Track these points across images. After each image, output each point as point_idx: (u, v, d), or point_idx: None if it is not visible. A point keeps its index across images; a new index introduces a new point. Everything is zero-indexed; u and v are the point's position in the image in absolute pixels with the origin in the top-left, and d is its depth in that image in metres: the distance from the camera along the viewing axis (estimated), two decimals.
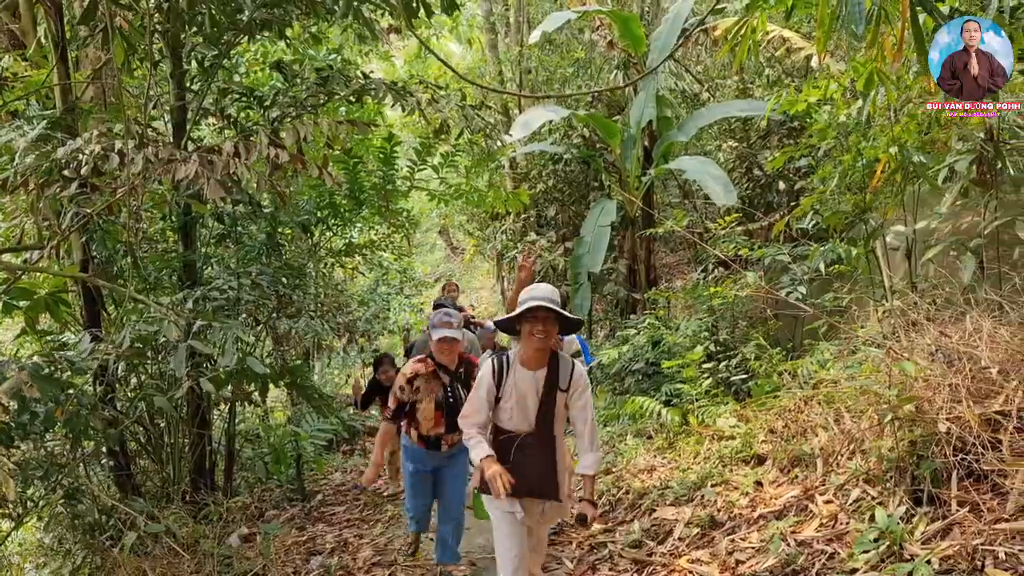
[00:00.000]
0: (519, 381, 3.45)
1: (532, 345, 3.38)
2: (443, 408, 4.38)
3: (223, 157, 4.84)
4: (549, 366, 3.46)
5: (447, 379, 4.40)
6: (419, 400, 4.36)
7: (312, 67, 7.14)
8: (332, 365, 13.07)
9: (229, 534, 5.49)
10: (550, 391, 3.45)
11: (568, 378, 3.48)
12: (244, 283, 5.81)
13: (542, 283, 3.51)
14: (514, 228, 13.10)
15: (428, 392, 4.35)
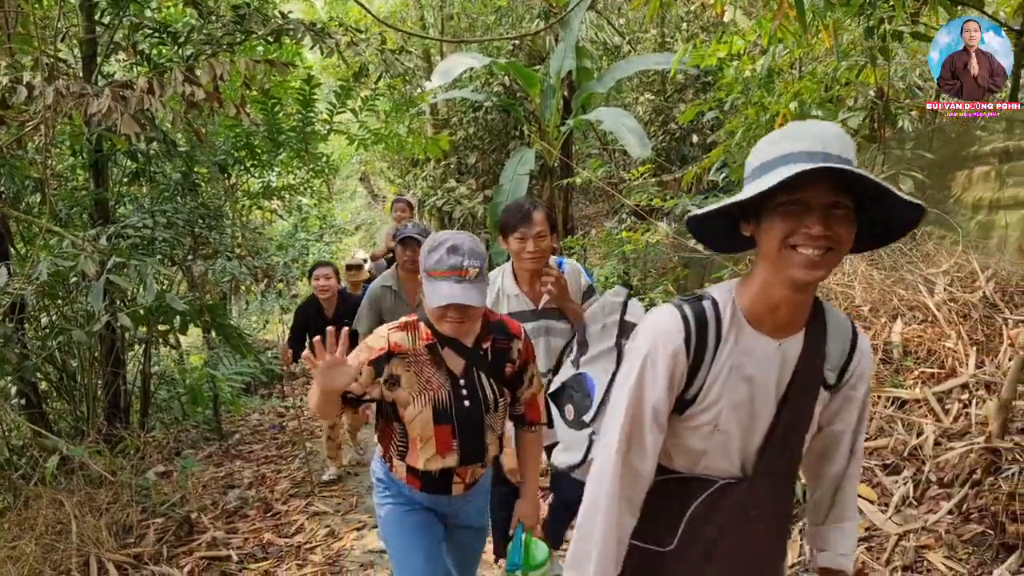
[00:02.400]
0: (745, 361, 1.59)
1: (793, 277, 1.43)
2: (452, 419, 2.40)
3: (137, 92, 4.81)
4: (809, 330, 1.61)
5: (459, 364, 2.43)
6: (401, 402, 2.38)
7: (228, 4, 7.03)
8: (250, 310, 13.00)
9: (145, 471, 5.57)
10: (806, 386, 1.63)
11: (845, 357, 1.65)
12: (159, 221, 5.79)
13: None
14: (434, 175, 13.17)
15: (420, 388, 2.37)
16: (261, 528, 4.97)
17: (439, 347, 2.39)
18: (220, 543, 4.69)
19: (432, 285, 2.25)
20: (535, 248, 3.05)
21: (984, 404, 3.29)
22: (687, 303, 1.61)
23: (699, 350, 1.58)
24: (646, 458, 1.63)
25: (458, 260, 2.21)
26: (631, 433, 1.60)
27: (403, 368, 2.35)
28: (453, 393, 2.38)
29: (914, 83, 8.18)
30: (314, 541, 4.71)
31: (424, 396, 2.36)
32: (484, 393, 2.42)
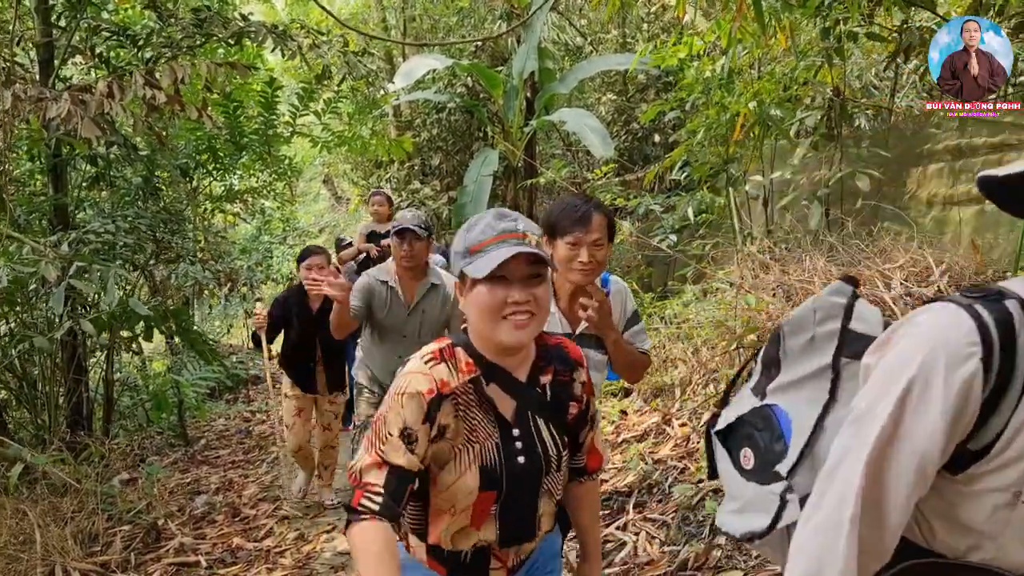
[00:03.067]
0: None
1: None
2: (500, 482, 1.70)
3: (96, 96, 4.77)
4: None
5: (510, 405, 1.74)
6: (439, 463, 1.69)
7: (188, 6, 6.97)
8: (213, 314, 12.88)
9: (110, 478, 5.50)
10: None
11: None
12: (121, 226, 5.73)
13: None
14: (398, 177, 13.14)
15: (465, 440, 1.69)
16: (230, 533, 4.94)
17: (483, 381, 1.67)
18: (188, 549, 4.65)
19: (477, 261, 1.59)
20: (589, 258, 2.43)
21: None
22: (981, 301, 1.09)
23: (1003, 376, 1.05)
24: (887, 531, 1.11)
25: (511, 224, 1.62)
26: (872, 493, 1.10)
27: (452, 414, 1.63)
28: (503, 446, 1.67)
29: (870, 82, 8.36)
30: (283, 545, 4.70)
31: (469, 452, 1.64)
32: (544, 446, 1.72)
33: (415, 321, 3.88)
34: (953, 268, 4.18)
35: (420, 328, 3.88)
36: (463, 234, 1.67)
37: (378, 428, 1.60)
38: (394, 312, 3.85)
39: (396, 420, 1.57)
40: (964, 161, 5.51)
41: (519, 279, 1.58)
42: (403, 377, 1.63)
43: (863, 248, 4.72)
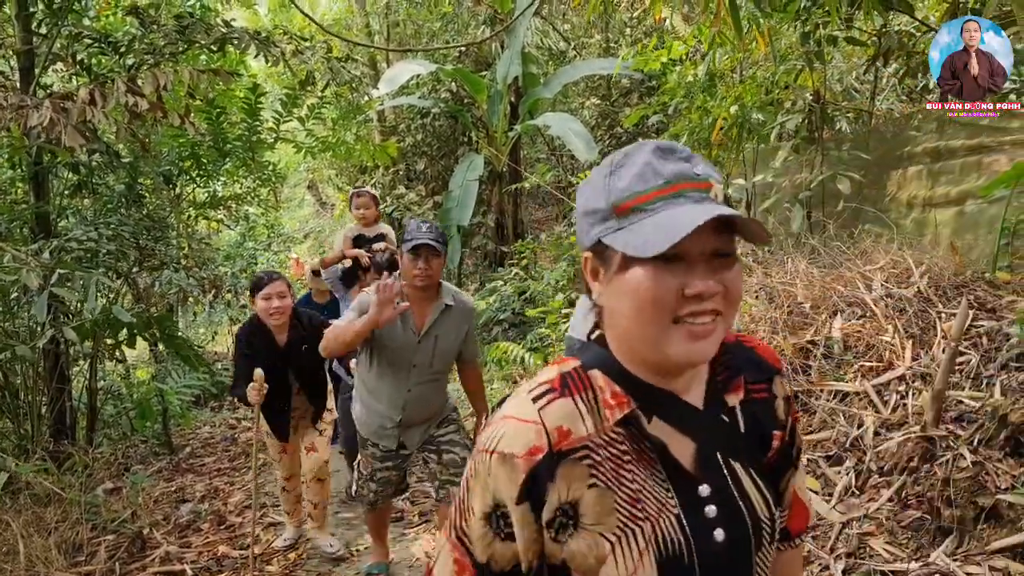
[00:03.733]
0: None
1: None
2: (694, 572, 1.01)
3: (78, 104, 4.76)
4: None
5: (688, 450, 1.05)
6: (582, 567, 0.99)
7: (170, 13, 6.96)
8: (197, 321, 12.83)
9: (94, 488, 5.47)
10: None
11: None
12: (104, 234, 5.70)
13: None
14: (383, 182, 13.14)
15: (623, 521, 1.00)
16: (215, 541, 4.91)
17: (643, 419, 1.03)
18: (174, 558, 4.63)
19: (635, 226, 0.97)
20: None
21: (920, 395, 3.42)
22: None
23: None
24: None
25: (683, 166, 0.98)
26: None
27: (584, 481, 1.00)
28: (688, 518, 1.02)
29: (850, 85, 8.44)
30: (270, 552, 4.68)
31: (633, 539, 0.99)
32: (750, 505, 1.07)
33: (427, 349, 3.44)
34: (932, 269, 4.23)
35: (432, 357, 3.45)
36: (603, 180, 1.02)
37: (462, 494, 1.06)
38: (402, 338, 3.41)
39: (480, 492, 1.02)
40: (943, 163, 5.57)
41: (701, 258, 0.95)
42: (494, 424, 1.04)
43: (844, 250, 4.77)
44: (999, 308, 3.79)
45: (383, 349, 3.42)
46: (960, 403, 3.24)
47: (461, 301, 3.53)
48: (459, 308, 3.51)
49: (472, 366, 3.78)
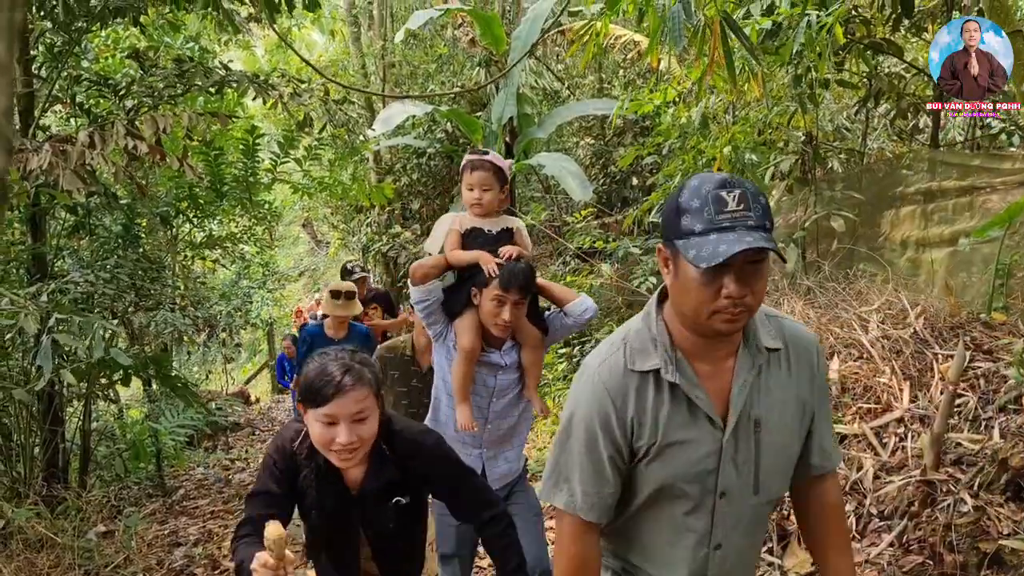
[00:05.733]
0: None
1: None
2: None
3: (78, 147, 4.78)
4: None
5: None
6: None
7: (169, 56, 7.03)
8: (191, 361, 12.77)
9: (87, 531, 5.41)
10: None
11: None
12: (101, 276, 5.70)
13: None
14: (379, 221, 13.19)
15: None
16: None
17: None
18: None
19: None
20: None
21: (919, 437, 3.43)
22: None
23: None
24: None
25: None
26: None
27: None
28: None
29: (841, 125, 8.56)
30: None
31: None
32: None
33: None
34: (928, 310, 4.25)
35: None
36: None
37: None
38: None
39: None
40: (936, 203, 5.63)
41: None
42: None
43: (840, 291, 4.80)
44: (996, 349, 3.81)
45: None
46: (959, 446, 3.24)
47: None
48: None
49: None
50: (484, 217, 3.01)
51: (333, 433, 1.95)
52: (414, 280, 2.88)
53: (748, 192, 1.40)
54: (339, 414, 1.93)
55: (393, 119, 10.17)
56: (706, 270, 1.37)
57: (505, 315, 2.74)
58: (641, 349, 1.58)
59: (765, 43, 5.49)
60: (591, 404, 1.59)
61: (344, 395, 1.92)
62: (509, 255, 2.83)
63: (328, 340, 5.08)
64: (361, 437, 1.97)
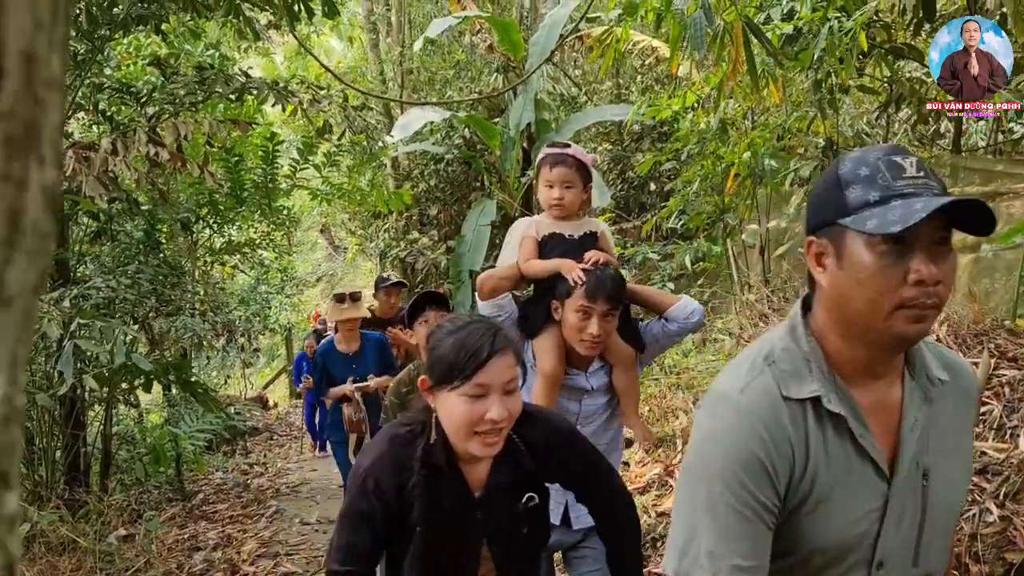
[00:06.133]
0: None
1: None
2: None
3: (100, 154, 4.83)
4: None
5: None
6: None
7: (190, 64, 7.10)
8: (210, 366, 12.85)
9: (107, 535, 5.45)
10: None
11: None
12: (123, 282, 5.75)
13: None
14: (396, 227, 13.23)
15: None
16: None
17: None
18: None
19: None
20: None
21: None
22: None
23: None
24: None
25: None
26: None
27: None
28: None
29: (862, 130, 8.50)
30: None
31: None
32: None
33: None
34: (952, 318, 4.21)
35: None
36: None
37: None
38: None
39: None
40: None
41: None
42: None
43: None
44: (1020, 357, 3.77)
45: None
46: (984, 455, 3.20)
47: None
48: None
49: None
50: (564, 220, 2.65)
51: (482, 409, 1.66)
52: (482, 294, 2.55)
53: (923, 161, 1.16)
54: (491, 383, 1.67)
55: (411, 125, 10.21)
56: (889, 249, 1.09)
57: (592, 329, 2.39)
58: (793, 371, 1.22)
59: (785, 48, 5.48)
60: (735, 442, 1.18)
61: (496, 358, 1.67)
62: (595, 260, 2.46)
63: (342, 357, 4.68)
64: (511, 413, 1.70)
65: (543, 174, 2.65)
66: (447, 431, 1.74)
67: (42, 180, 0.27)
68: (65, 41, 0.27)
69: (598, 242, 2.65)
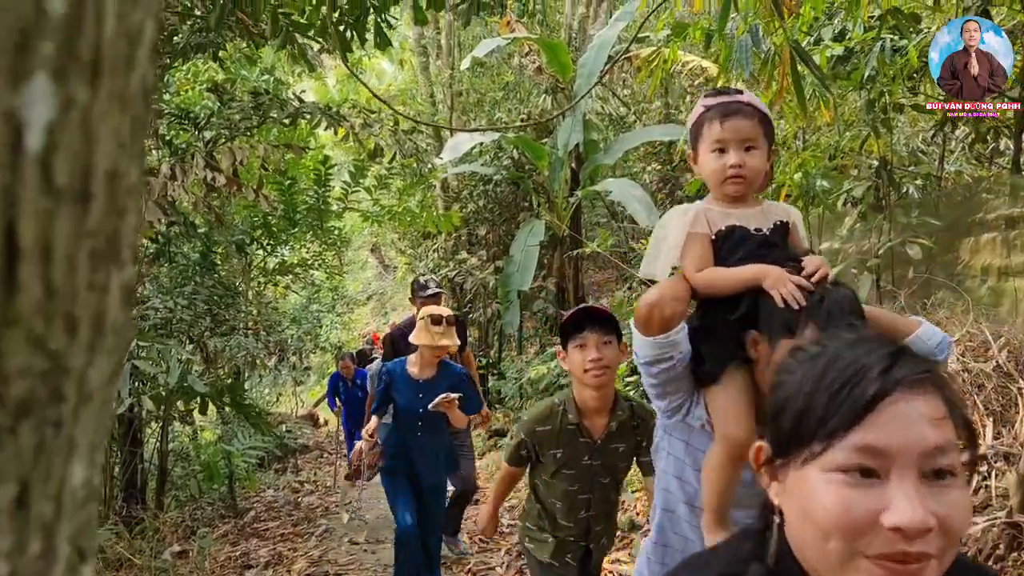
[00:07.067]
0: None
1: None
2: None
3: (160, 179, 4.97)
4: None
5: None
6: None
7: (246, 88, 7.28)
8: (263, 383, 13.08)
9: (162, 551, 5.56)
10: None
11: None
12: (179, 302, 5.90)
13: None
14: (445, 247, 13.33)
15: None
16: None
17: None
18: None
19: None
20: None
21: (1004, 476, 3.29)
22: None
23: None
24: None
25: None
26: None
27: None
28: None
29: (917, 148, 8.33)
30: None
31: None
32: None
33: None
34: (1012, 342, 4.10)
35: None
36: None
37: None
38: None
39: None
40: (1018, 230, 5.43)
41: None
42: None
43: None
44: None
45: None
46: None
47: None
48: None
49: None
50: (741, 203, 1.76)
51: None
52: (650, 326, 1.67)
53: None
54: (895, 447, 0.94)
55: (460, 146, 10.32)
56: None
57: None
58: None
59: (836, 68, 5.42)
60: None
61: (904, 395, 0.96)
62: (821, 274, 1.60)
63: (412, 383, 3.95)
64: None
65: (706, 133, 1.76)
66: (802, 546, 0.89)
67: (122, 281, 0.29)
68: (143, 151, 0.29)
69: (789, 235, 1.80)
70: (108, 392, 0.30)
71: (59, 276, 0.24)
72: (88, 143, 0.24)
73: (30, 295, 0.22)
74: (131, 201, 0.29)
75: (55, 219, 0.23)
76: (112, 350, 0.29)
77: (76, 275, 0.25)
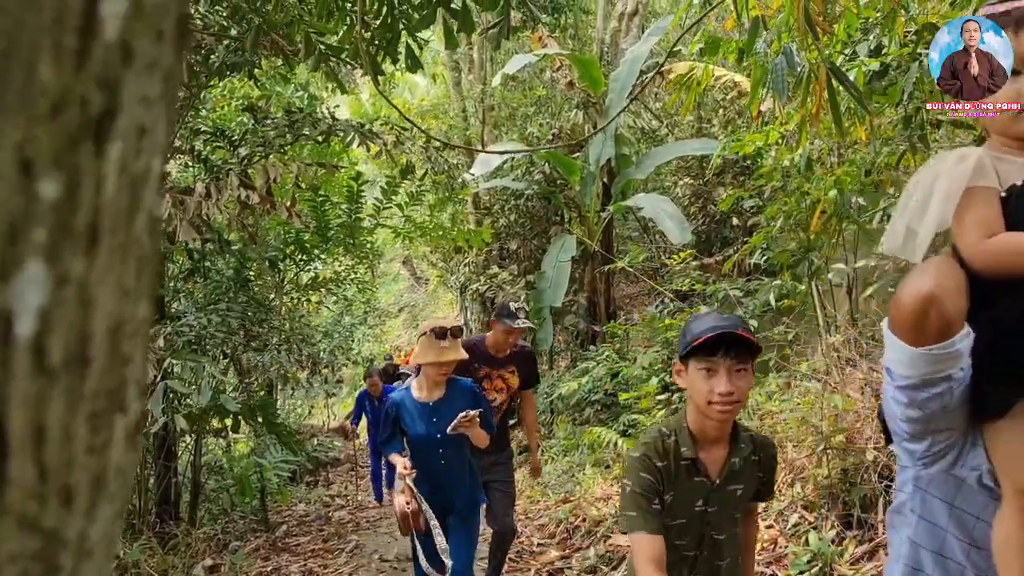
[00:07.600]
0: None
1: None
2: None
3: (195, 198, 5.04)
4: None
5: None
6: None
7: (280, 105, 7.37)
8: (295, 396, 13.16)
9: (195, 565, 5.60)
10: None
11: None
12: (213, 319, 5.96)
13: None
14: (476, 261, 13.35)
15: None
16: None
17: None
18: None
19: None
20: None
21: None
22: None
23: None
24: None
25: None
26: None
27: None
28: None
29: None
30: None
31: None
32: None
33: None
34: None
35: None
36: None
37: None
38: None
39: None
40: None
41: None
42: None
43: None
44: None
45: None
46: None
47: None
48: None
49: None
50: None
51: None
52: (926, 331, 1.20)
53: None
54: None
55: (491, 161, 10.35)
56: None
57: None
58: None
59: (872, 84, 5.34)
60: None
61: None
62: None
63: (420, 408, 3.51)
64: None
65: (1016, 45, 1.37)
66: None
67: (127, 424, 0.28)
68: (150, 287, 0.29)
69: None
70: (111, 544, 0.29)
71: (53, 455, 0.23)
72: (85, 311, 0.23)
73: (22, 484, 0.22)
74: (137, 343, 0.29)
75: (48, 400, 0.22)
76: (115, 496, 0.28)
77: (72, 446, 0.24)
